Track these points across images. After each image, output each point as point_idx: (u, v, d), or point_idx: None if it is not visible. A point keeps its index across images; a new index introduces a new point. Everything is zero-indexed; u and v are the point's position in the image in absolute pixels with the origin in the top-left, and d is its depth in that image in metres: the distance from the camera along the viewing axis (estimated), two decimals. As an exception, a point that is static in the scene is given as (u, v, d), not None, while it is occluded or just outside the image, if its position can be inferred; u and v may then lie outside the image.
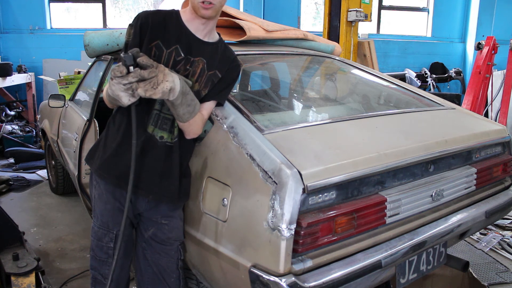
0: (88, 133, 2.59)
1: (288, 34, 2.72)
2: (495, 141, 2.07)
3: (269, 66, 3.09)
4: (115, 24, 7.01)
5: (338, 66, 2.80)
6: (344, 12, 4.60)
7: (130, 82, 1.32)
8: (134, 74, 1.32)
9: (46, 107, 3.56)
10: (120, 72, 1.31)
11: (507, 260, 2.69)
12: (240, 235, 1.43)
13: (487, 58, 4.95)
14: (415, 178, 1.72)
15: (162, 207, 1.64)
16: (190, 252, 1.73)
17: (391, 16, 7.94)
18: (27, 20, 6.67)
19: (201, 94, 1.58)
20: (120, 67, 1.32)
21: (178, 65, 1.53)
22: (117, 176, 1.59)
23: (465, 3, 7.84)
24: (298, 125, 1.75)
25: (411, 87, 2.58)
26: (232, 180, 1.49)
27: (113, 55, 2.64)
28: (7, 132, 5.66)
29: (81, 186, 2.62)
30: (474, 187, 1.96)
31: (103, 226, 1.66)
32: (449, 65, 7.72)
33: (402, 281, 1.71)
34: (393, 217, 1.60)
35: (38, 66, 6.60)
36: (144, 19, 1.51)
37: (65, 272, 2.69)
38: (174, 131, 1.58)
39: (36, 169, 4.90)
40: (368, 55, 4.91)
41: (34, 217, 3.59)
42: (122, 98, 1.36)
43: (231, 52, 1.67)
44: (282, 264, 1.32)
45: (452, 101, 2.47)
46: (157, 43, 1.51)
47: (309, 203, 1.39)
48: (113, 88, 1.35)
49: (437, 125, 2.03)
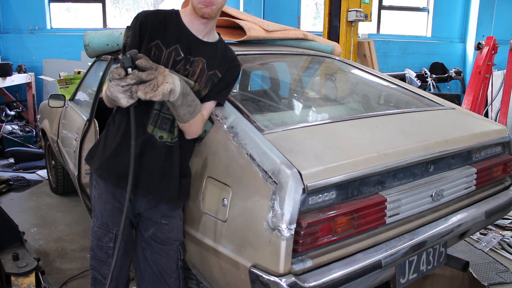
0: (88, 133, 2.59)
1: (288, 34, 2.72)
2: (495, 141, 2.07)
3: (269, 66, 3.09)
4: (115, 24, 7.01)
5: (338, 66, 2.80)
6: (344, 12, 4.60)
7: (129, 84, 1.32)
8: (133, 76, 1.31)
9: (46, 107, 3.56)
10: (119, 75, 1.31)
11: (507, 260, 2.69)
12: (240, 235, 1.43)
13: (487, 58, 4.95)
14: (415, 178, 1.72)
15: (161, 207, 1.64)
16: (190, 252, 1.73)
17: (391, 16, 7.94)
18: (27, 20, 6.67)
19: (201, 94, 1.58)
20: (118, 69, 1.32)
21: (177, 65, 1.53)
22: (116, 176, 1.59)
23: (465, 3, 7.84)
24: (298, 125, 1.75)
25: (411, 87, 2.58)
26: (232, 180, 1.49)
27: (113, 55, 2.64)
28: (7, 132, 5.66)
29: (81, 186, 2.62)
30: (474, 187, 1.96)
31: (102, 226, 1.66)
32: (449, 65, 7.72)
33: (402, 281, 1.71)
34: (393, 217, 1.60)
35: (38, 66, 6.60)
36: (144, 18, 1.51)
37: (65, 272, 2.69)
38: (174, 131, 1.58)
39: (36, 169, 4.90)
40: (368, 55, 4.91)
41: (34, 217, 3.59)
42: (121, 99, 1.35)
43: (231, 52, 1.67)
44: (282, 264, 1.32)
45: (452, 101, 2.47)
46: (156, 43, 1.51)
47: (309, 203, 1.39)
48: (112, 90, 1.35)
49: (437, 125, 2.03)
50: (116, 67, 1.34)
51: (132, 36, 1.50)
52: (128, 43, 1.50)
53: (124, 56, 1.32)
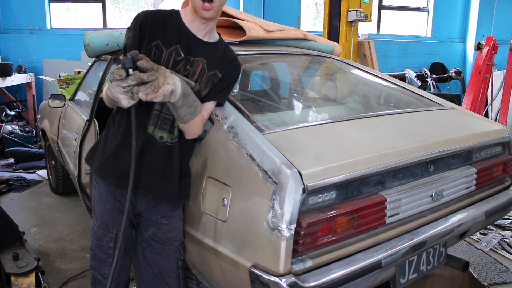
0: (88, 133, 2.59)
1: (288, 34, 2.72)
2: (495, 141, 2.07)
3: (269, 66, 3.09)
4: (115, 24, 7.01)
5: (338, 66, 2.80)
6: (344, 12, 4.60)
7: (130, 85, 1.32)
8: (134, 77, 1.31)
9: (46, 107, 3.56)
10: (120, 76, 1.31)
11: (507, 260, 2.69)
12: (240, 235, 1.43)
13: (487, 58, 4.95)
14: (415, 178, 1.72)
15: (162, 207, 1.64)
16: (190, 252, 1.73)
17: (391, 16, 7.94)
18: (27, 20, 6.67)
19: (202, 94, 1.58)
20: (119, 70, 1.32)
21: (178, 65, 1.53)
22: (116, 176, 1.59)
23: (465, 3, 7.84)
24: (298, 125, 1.75)
25: (411, 87, 2.58)
26: (232, 180, 1.49)
27: (113, 55, 2.64)
28: (7, 132, 5.66)
29: (81, 186, 2.62)
30: (474, 187, 1.96)
31: (102, 226, 1.66)
32: (449, 65, 7.72)
33: (402, 281, 1.71)
34: (393, 217, 1.60)
35: (38, 66, 6.60)
36: (144, 18, 1.51)
37: (65, 272, 2.69)
38: (174, 131, 1.58)
39: (36, 169, 4.90)
40: (368, 55, 4.91)
41: (34, 217, 3.59)
42: (122, 100, 1.35)
43: (232, 52, 1.67)
44: (282, 264, 1.32)
45: (452, 101, 2.47)
46: (157, 43, 1.51)
47: (309, 203, 1.39)
48: (112, 91, 1.35)
49: (437, 125, 2.03)
50: (117, 67, 1.34)
51: (132, 36, 1.50)
52: (129, 43, 1.50)
53: (125, 56, 1.32)
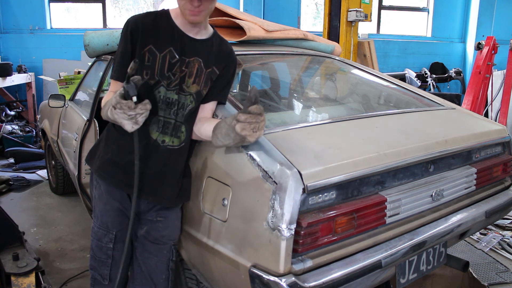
0: (88, 133, 2.59)
1: (288, 34, 2.72)
2: (495, 141, 2.07)
3: (269, 66, 3.09)
4: (115, 24, 7.00)
5: (338, 66, 2.80)
6: (344, 12, 4.60)
7: (137, 113, 1.32)
8: (143, 107, 1.32)
9: (46, 107, 3.56)
10: (129, 107, 1.31)
11: (507, 260, 2.68)
12: (240, 235, 1.43)
13: (487, 58, 4.95)
14: (415, 178, 1.72)
15: (160, 206, 1.63)
16: (190, 252, 1.73)
17: (391, 16, 7.94)
18: (27, 20, 6.67)
19: (202, 94, 1.57)
20: (128, 102, 1.31)
21: (173, 67, 1.50)
22: (117, 177, 1.59)
23: (465, 3, 7.84)
24: (298, 125, 1.75)
25: (411, 87, 2.58)
26: (232, 180, 1.49)
27: (113, 55, 2.63)
28: (7, 132, 5.66)
29: (81, 186, 2.62)
30: (474, 187, 1.96)
31: (102, 227, 1.66)
32: (449, 65, 7.72)
33: (402, 281, 1.71)
34: (393, 217, 1.60)
35: (38, 66, 6.60)
36: (134, 24, 1.48)
37: (65, 272, 2.69)
38: (181, 137, 1.57)
39: (36, 169, 4.90)
40: (368, 55, 4.91)
41: (34, 217, 3.59)
42: (126, 125, 1.35)
43: (227, 45, 1.64)
44: (282, 264, 1.32)
45: (452, 101, 2.46)
46: (149, 48, 1.48)
47: (309, 203, 1.39)
48: (116, 116, 1.34)
49: (437, 125, 2.03)
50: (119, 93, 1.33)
51: (123, 43, 1.49)
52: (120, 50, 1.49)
53: (128, 84, 1.31)
